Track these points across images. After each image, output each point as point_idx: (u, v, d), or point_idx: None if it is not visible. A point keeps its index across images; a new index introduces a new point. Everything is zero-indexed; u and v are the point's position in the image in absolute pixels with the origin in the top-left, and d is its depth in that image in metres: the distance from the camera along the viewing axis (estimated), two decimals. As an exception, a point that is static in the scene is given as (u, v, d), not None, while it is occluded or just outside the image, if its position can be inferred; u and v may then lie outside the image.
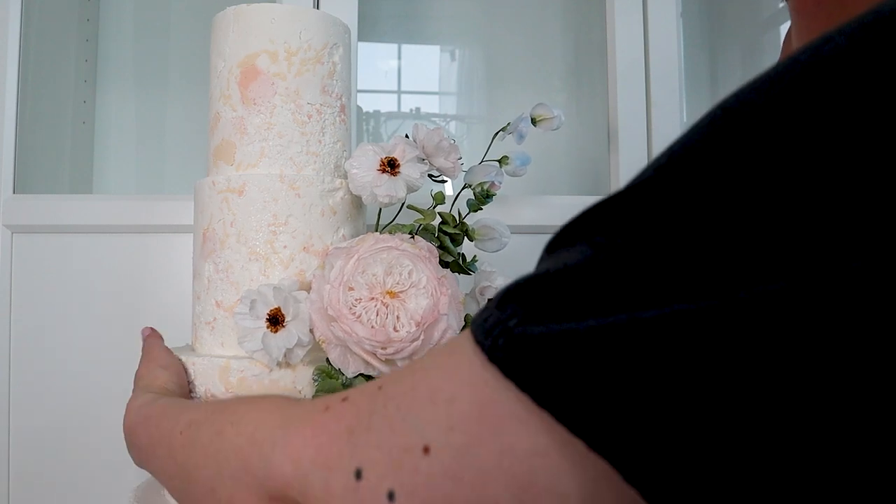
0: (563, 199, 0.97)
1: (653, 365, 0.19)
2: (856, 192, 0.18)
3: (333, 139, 0.66)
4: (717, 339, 0.18)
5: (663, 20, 0.97)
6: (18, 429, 0.90)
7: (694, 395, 0.19)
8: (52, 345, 0.91)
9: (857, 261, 0.17)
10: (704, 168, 0.20)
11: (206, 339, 0.63)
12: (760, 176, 0.19)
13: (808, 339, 0.17)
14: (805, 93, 0.19)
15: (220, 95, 0.65)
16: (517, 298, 0.23)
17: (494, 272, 0.68)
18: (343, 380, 0.58)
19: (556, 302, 0.21)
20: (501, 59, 1.20)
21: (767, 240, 0.19)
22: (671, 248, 0.20)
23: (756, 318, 0.18)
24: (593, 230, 0.22)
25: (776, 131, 0.19)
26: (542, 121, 0.73)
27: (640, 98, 0.97)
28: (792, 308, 0.18)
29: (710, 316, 0.19)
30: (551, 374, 0.21)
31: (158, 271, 0.92)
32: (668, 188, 0.21)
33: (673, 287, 0.20)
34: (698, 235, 0.20)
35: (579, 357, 0.20)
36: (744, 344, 0.18)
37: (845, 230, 0.18)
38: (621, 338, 0.20)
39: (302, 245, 0.61)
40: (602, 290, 0.21)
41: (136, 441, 0.48)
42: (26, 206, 0.92)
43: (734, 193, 0.19)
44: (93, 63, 1.11)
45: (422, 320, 0.54)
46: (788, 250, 0.18)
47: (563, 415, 0.20)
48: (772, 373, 0.18)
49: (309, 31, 0.64)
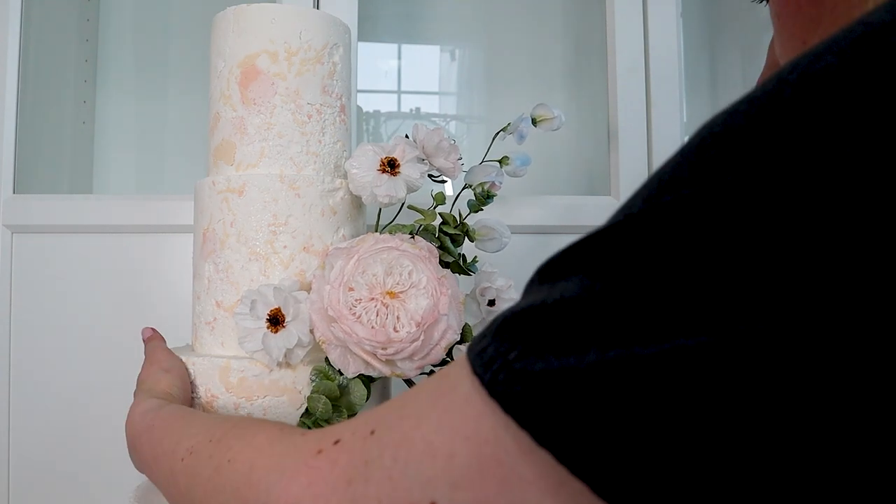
0: (563, 199, 0.97)
1: (655, 403, 0.19)
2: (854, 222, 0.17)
3: (333, 139, 0.66)
4: (720, 376, 0.18)
5: (663, 20, 0.97)
6: (18, 428, 0.90)
7: (699, 434, 0.18)
8: (52, 345, 0.91)
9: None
10: (694, 202, 0.20)
11: (206, 339, 0.63)
12: (751, 212, 0.19)
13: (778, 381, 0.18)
14: (797, 117, 0.19)
15: (220, 95, 0.65)
16: (515, 329, 0.22)
17: (495, 272, 0.68)
18: (340, 381, 0.58)
19: (555, 335, 0.21)
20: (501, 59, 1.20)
21: (752, 281, 0.18)
22: (668, 282, 0.20)
23: (754, 354, 0.18)
24: (589, 261, 0.22)
25: (768, 164, 0.19)
26: (542, 121, 0.73)
27: (640, 98, 0.97)
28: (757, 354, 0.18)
29: (710, 351, 0.18)
30: (551, 413, 0.20)
31: (158, 271, 0.92)
32: (663, 220, 0.20)
33: (671, 321, 0.19)
34: (694, 270, 0.19)
35: (580, 395, 0.20)
36: (747, 380, 0.18)
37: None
38: (621, 375, 0.19)
39: (302, 245, 0.61)
40: (600, 323, 0.20)
41: (139, 450, 0.48)
42: (26, 206, 0.92)
43: (729, 226, 0.19)
44: (93, 63, 1.11)
45: (422, 321, 0.54)
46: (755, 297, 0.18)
47: (563, 455, 0.20)
48: (772, 408, 0.18)
49: (309, 31, 0.64)
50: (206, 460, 0.37)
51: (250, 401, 0.57)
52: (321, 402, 0.56)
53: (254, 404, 0.58)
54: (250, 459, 0.34)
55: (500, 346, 0.22)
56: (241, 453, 0.35)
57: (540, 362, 0.21)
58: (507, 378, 0.21)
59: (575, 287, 0.21)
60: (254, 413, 0.57)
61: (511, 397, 0.21)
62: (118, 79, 1.13)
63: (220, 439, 0.38)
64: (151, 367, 0.58)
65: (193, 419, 0.46)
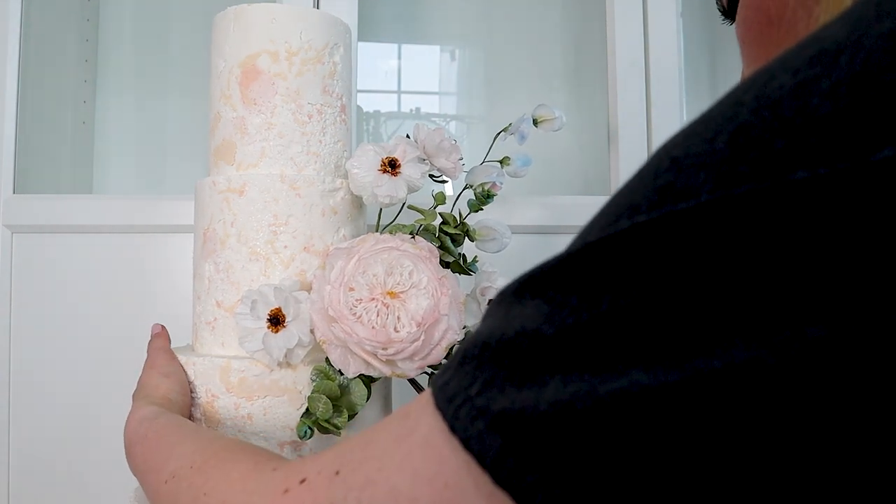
0: (563, 199, 0.97)
1: (615, 443, 0.18)
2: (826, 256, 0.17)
3: (334, 139, 0.66)
4: (683, 415, 0.18)
5: (663, 20, 0.97)
6: (18, 428, 0.90)
7: (660, 477, 0.18)
8: (52, 345, 0.91)
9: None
10: (650, 230, 0.19)
11: (206, 339, 0.63)
12: (709, 241, 0.18)
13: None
14: (753, 142, 0.18)
15: (220, 95, 0.65)
16: (477, 361, 0.22)
17: (495, 272, 0.68)
18: (341, 381, 0.58)
19: (516, 368, 0.21)
20: (501, 59, 1.20)
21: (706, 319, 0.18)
22: (629, 311, 0.19)
23: (724, 392, 0.17)
24: (550, 289, 0.21)
25: (723, 191, 0.18)
26: (543, 122, 0.73)
27: (640, 98, 0.97)
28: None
29: (671, 390, 0.18)
30: (510, 452, 0.20)
31: (158, 271, 0.92)
32: (619, 249, 0.20)
33: (632, 354, 0.19)
34: (654, 301, 0.19)
35: (538, 434, 0.19)
36: (716, 420, 0.17)
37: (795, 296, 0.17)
38: (582, 415, 0.19)
39: (302, 245, 0.61)
40: (561, 356, 0.20)
41: (133, 456, 0.49)
42: (26, 206, 0.92)
43: (684, 258, 0.18)
44: (93, 63, 1.11)
45: (422, 321, 0.54)
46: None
47: (522, 497, 0.19)
48: (757, 446, 0.17)
49: (310, 30, 0.64)
50: (186, 489, 0.38)
51: (251, 401, 0.57)
52: (322, 401, 0.56)
53: (254, 404, 0.58)
54: (223, 495, 0.35)
55: (462, 378, 0.22)
56: (216, 488, 0.36)
57: (500, 397, 0.20)
58: (468, 414, 0.21)
59: (535, 316, 0.21)
60: (254, 413, 0.58)
61: (471, 435, 0.21)
62: (118, 79, 1.13)
63: (201, 468, 0.39)
64: (151, 372, 0.58)
65: (183, 436, 0.46)
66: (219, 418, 0.58)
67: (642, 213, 0.20)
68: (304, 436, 0.56)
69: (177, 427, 0.49)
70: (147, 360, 0.61)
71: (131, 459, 0.49)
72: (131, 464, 0.49)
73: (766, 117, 0.19)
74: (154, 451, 0.46)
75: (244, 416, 0.58)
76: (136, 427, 0.50)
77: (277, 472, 0.31)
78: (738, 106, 0.20)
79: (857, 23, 0.19)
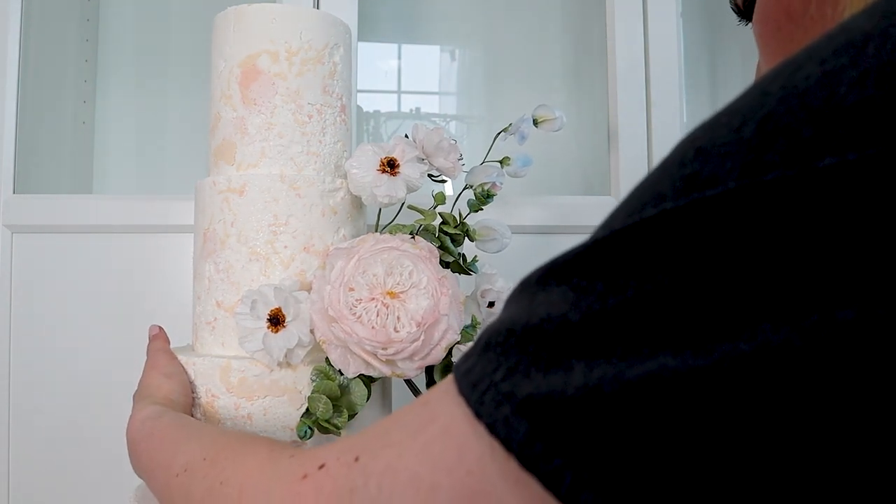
0: (563, 199, 0.97)
1: (644, 426, 0.18)
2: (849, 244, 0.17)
3: (334, 139, 0.66)
4: (712, 399, 0.18)
5: (663, 20, 0.97)
6: (18, 428, 0.90)
7: (689, 459, 0.18)
8: (52, 345, 0.91)
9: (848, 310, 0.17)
10: (677, 217, 0.19)
11: (206, 340, 0.63)
12: (736, 231, 0.18)
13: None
14: (779, 132, 0.18)
15: (220, 95, 0.65)
16: (501, 347, 0.22)
17: (495, 274, 0.68)
18: (341, 380, 0.58)
19: (542, 352, 0.21)
20: (501, 59, 1.20)
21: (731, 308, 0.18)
22: (654, 299, 0.19)
23: (742, 380, 0.18)
24: (575, 276, 0.21)
25: (752, 181, 0.18)
26: (543, 122, 0.73)
27: (640, 98, 0.97)
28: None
29: (700, 373, 0.18)
30: (538, 437, 0.20)
31: (158, 271, 0.92)
32: (647, 236, 0.20)
33: (659, 339, 0.19)
34: (681, 288, 0.19)
35: (566, 420, 0.19)
36: (747, 403, 0.17)
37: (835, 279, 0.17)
38: (610, 398, 0.19)
39: (302, 245, 0.61)
40: (586, 340, 0.20)
41: (138, 456, 0.49)
42: (26, 206, 0.92)
43: (714, 246, 0.19)
44: (93, 63, 1.11)
45: (422, 321, 0.54)
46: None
47: (549, 481, 0.19)
48: (779, 433, 0.17)
49: (310, 31, 0.64)
50: (200, 480, 0.38)
51: (251, 401, 0.58)
52: (322, 401, 0.56)
53: (254, 404, 0.58)
54: (240, 483, 0.34)
55: (487, 365, 0.22)
56: (233, 476, 0.36)
57: (526, 382, 0.20)
58: (494, 399, 0.21)
59: (561, 303, 0.21)
60: (254, 413, 0.58)
61: (497, 420, 0.21)
62: (118, 79, 1.13)
63: (214, 459, 0.39)
64: (152, 372, 0.58)
65: (190, 432, 0.46)
66: (219, 418, 0.58)
67: (668, 200, 0.20)
68: (304, 436, 0.56)
69: (181, 424, 0.49)
70: (147, 361, 0.61)
71: (136, 458, 0.49)
72: (135, 462, 0.49)
73: (793, 106, 0.19)
74: (161, 447, 0.46)
75: (244, 416, 0.58)
76: (140, 426, 0.50)
77: (295, 458, 0.32)
78: (764, 96, 0.20)
79: (885, 13, 0.19)
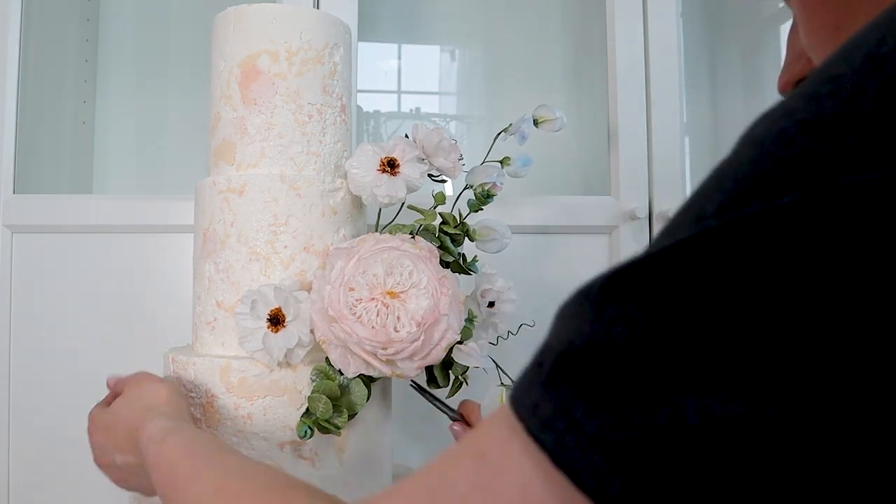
0: (563, 199, 0.97)
1: (752, 476, 0.16)
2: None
3: (334, 139, 0.66)
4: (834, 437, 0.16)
5: (663, 20, 0.97)
6: (18, 428, 0.90)
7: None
8: (52, 345, 0.91)
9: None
10: (803, 209, 0.17)
11: (206, 340, 0.63)
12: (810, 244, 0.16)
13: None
14: (830, 147, 0.17)
15: (220, 95, 0.65)
16: (572, 376, 0.19)
17: (495, 274, 0.68)
18: (341, 380, 0.58)
19: (624, 383, 0.18)
20: (501, 59, 1.20)
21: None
22: (731, 321, 0.17)
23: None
24: (652, 289, 0.18)
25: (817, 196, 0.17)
26: (544, 122, 0.73)
27: (640, 98, 0.97)
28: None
29: (819, 412, 0.16)
30: (637, 489, 0.17)
31: (158, 271, 0.92)
32: (760, 237, 0.17)
33: (736, 371, 0.17)
34: (750, 314, 0.17)
35: (675, 472, 0.17)
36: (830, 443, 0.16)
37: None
38: (708, 440, 0.17)
39: (302, 245, 0.61)
40: (673, 370, 0.18)
41: (150, 475, 0.46)
42: (26, 206, 0.92)
43: (859, 240, 0.16)
44: (93, 63, 1.11)
45: (422, 320, 0.54)
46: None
47: None
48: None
49: (310, 31, 0.64)
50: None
51: (251, 401, 0.57)
52: (322, 401, 0.56)
53: (254, 404, 0.58)
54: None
55: (559, 400, 0.19)
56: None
57: (615, 422, 0.18)
58: (579, 443, 0.18)
59: (626, 323, 0.18)
60: (254, 413, 0.58)
61: (587, 469, 0.18)
62: (118, 79, 1.13)
63: (224, 497, 0.36)
64: (143, 384, 0.55)
65: (202, 456, 0.43)
66: (219, 418, 0.58)
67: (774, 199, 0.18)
68: (304, 436, 0.56)
69: (190, 450, 0.44)
70: (129, 384, 0.56)
71: (150, 475, 0.46)
72: (153, 477, 0.46)
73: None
74: (170, 479, 0.43)
75: (244, 416, 0.58)
76: (147, 446, 0.47)
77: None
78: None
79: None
